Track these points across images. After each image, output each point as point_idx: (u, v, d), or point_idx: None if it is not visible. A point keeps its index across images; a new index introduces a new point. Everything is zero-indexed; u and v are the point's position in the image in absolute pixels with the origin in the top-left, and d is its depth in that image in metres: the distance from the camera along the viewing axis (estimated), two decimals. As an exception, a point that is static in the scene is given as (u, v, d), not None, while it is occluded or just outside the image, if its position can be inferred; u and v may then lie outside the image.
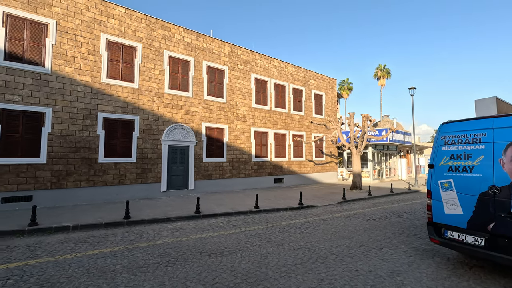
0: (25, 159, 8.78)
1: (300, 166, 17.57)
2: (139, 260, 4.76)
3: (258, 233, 6.55)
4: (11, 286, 3.79)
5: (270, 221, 7.75)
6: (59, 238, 6.03)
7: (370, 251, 5.27)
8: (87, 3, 10.20)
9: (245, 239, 6.04)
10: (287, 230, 6.84)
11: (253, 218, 8.21)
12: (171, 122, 12.05)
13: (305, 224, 7.48)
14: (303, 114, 18.11)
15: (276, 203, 10.21)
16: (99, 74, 10.31)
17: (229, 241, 5.88)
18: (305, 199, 10.94)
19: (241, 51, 14.99)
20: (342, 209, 9.83)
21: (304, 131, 18.06)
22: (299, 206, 9.74)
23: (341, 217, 8.34)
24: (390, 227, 7.11)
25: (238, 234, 6.41)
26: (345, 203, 11.01)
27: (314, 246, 5.54)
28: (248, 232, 6.63)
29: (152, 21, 11.78)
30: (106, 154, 10.30)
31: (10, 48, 8.69)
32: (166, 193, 11.68)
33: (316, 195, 12.54)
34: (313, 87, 18.96)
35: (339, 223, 7.55)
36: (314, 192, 13.60)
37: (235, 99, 14.49)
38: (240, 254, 5.08)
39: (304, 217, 8.33)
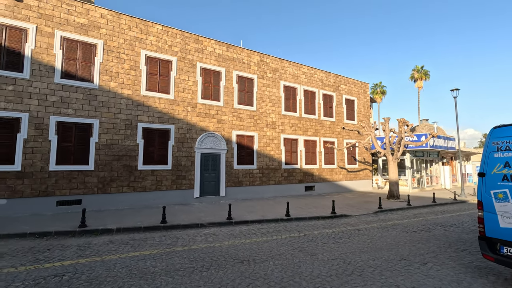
0: (76, 166, 9.71)
1: (332, 173, 17.07)
2: (176, 263, 4.97)
3: (290, 241, 6.46)
4: (66, 282, 4.18)
5: (302, 230, 7.61)
6: (105, 239, 6.52)
7: (412, 266, 4.92)
8: (129, 23, 11.15)
9: (277, 247, 6.00)
10: (320, 239, 6.65)
11: (284, 226, 8.13)
12: (204, 131, 12.52)
13: (339, 234, 7.22)
14: (334, 120, 17.67)
15: (307, 212, 10.01)
16: (139, 87, 11.13)
17: (261, 248, 5.88)
18: (338, 208, 10.58)
19: (270, 60, 15.18)
20: (378, 219, 9.32)
21: (335, 138, 17.57)
22: (332, 215, 9.43)
23: (377, 228, 7.91)
24: (434, 240, 6.57)
25: (270, 242, 6.38)
26: (382, 213, 10.42)
27: (350, 258, 5.32)
28: (280, 240, 6.58)
29: (186, 36, 12.49)
30: (145, 161, 10.99)
31: (65, 67, 9.79)
32: (199, 199, 12.07)
33: (349, 204, 12.05)
34: (344, 92, 18.48)
35: (376, 234, 7.16)
36: (347, 201, 13.09)
37: (264, 107, 14.65)
38: (273, 262, 5.05)
39: (337, 227, 8.05)
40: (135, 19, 11.28)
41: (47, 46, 9.52)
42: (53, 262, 4.99)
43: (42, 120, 9.25)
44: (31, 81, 9.17)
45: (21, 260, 5.05)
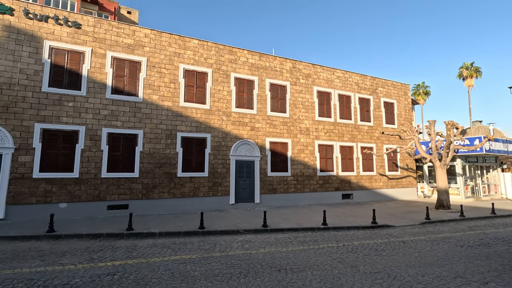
0: (124, 174, 10.57)
1: (371, 181, 16.17)
2: (214, 269, 5.10)
3: (328, 251, 6.24)
4: (116, 280, 4.53)
5: (340, 240, 7.31)
6: (149, 242, 6.95)
7: (470, 285, 4.42)
8: (169, 40, 12.01)
9: (314, 257, 5.83)
10: (361, 250, 6.32)
11: (321, 235, 7.88)
12: (238, 138, 12.81)
13: (381, 245, 6.78)
14: (372, 125, 16.83)
15: (345, 221, 9.58)
16: (178, 99, 11.84)
17: (298, 257, 5.77)
18: (379, 218, 9.96)
19: (303, 66, 15.10)
20: (426, 231, 8.56)
21: (374, 143, 16.69)
22: (373, 225, 8.91)
23: (426, 241, 7.27)
24: (496, 257, 5.83)
25: (307, 251, 6.23)
26: (430, 224, 9.56)
27: (395, 272, 4.96)
28: (317, 250, 6.39)
29: (220, 48, 13.04)
30: (184, 169, 11.55)
31: (115, 84, 10.83)
32: (234, 205, 12.28)
33: (391, 214, 11.27)
34: (382, 95, 17.56)
35: (424, 247, 6.58)
36: (389, 210, 12.26)
37: (297, 113, 14.54)
38: (311, 272, 4.92)
39: (379, 238, 7.57)
40: (174, 36, 12.11)
41: (100, 65, 10.65)
42: (105, 261, 5.45)
43: (95, 132, 10.30)
44: (87, 98, 10.31)
45: (79, 259, 5.61)
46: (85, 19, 10.64)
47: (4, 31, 9.40)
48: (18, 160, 9.18)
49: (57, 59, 10.04)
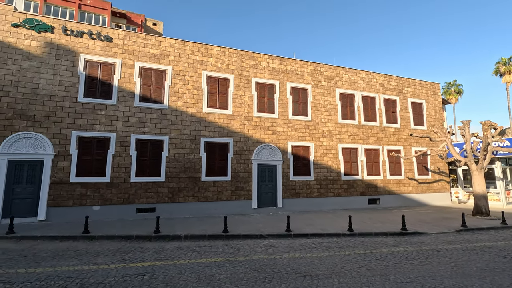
0: (151, 178, 11.02)
1: (399, 185, 15.44)
2: (239, 272, 5.13)
3: (355, 258, 6.03)
4: (146, 281, 4.71)
5: (367, 247, 7.04)
6: (175, 245, 7.15)
7: (515, 299, 4.05)
8: (192, 48, 12.43)
9: (341, 263, 5.66)
10: (390, 258, 6.04)
11: (347, 241, 7.64)
12: (260, 143, 12.86)
13: (413, 253, 6.43)
14: (399, 127, 16.13)
15: (372, 227, 9.22)
16: (201, 105, 12.17)
17: (324, 264, 5.64)
18: (409, 224, 9.46)
19: (324, 68, 14.90)
20: (462, 239, 8.00)
21: (402, 145, 15.96)
22: (403, 232, 8.48)
23: (462, 250, 6.79)
24: (545, 270, 5.30)
25: (332, 258, 6.07)
26: (467, 232, 8.92)
27: (429, 282, 4.68)
28: (343, 256, 6.20)
29: (241, 54, 13.25)
30: (207, 173, 11.80)
31: (142, 92, 11.38)
32: (257, 210, 12.29)
33: (422, 220, 10.67)
34: (409, 95, 16.80)
35: (461, 257, 6.15)
36: (420, 216, 11.61)
37: (319, 116, 14.32)
38: (338, 280, 4.79)
39: (410, 245, 7.19)
40: (197, 44, 12.52)
41: (129, 75, 11.26)
42: (136, 262, 5.69)
43: (125, 138, 10.86)
44: (117, 106, 10.93)
45: (112, 259, 5.90)
46: (116, 32, 11.34)
47: (46, 48, 10.29)
48: (57, 166, 9.91)
49: (91, 71, 10.77)
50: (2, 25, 9.91)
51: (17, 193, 9.44)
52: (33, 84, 9.98)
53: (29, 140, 9.69)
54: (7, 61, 9.78)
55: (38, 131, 9.83)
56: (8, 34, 9.92)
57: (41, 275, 4.91)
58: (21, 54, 9.97)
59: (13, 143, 9.50)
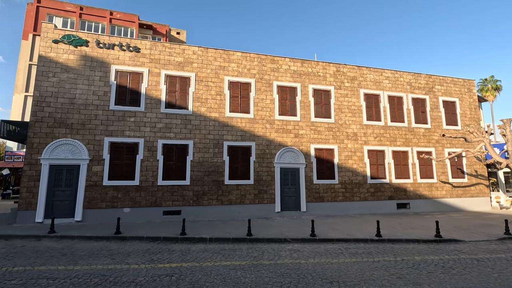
0: (176, 181, 11.37)
1: (431, 189, 14.56)
2: (264, 276, 5.11)
3: (385, 265, 5.76)
4: (174, 281, 4.85)
5: (398, 254, 6.70)
6: (201, 247, 7.30)
7: None
8: (214, 55, 12.74)
9: (369, 270, 5.44)
10: (424, 267, 5.69)
11: (376, 247, 7.33)
12: (282, 146, 12.81)
13: (449, 262, 6.02)
14: (429, 127, 15.26)
15: (403, 233, 8.77)
16: (224, 110, 12.40)
17: (351, 270, 5.45)
18: (444, 231, 8.87)
19: (347, 69, 14.55)
20: (506, 248, 7.34)
21: (433, 147, 15.07)
22: (437, 239, 7.97)
23: (507, 260, 6.23)
24: None
25: (360, 264, 5.85)
26: (511, 241, 8.17)
27: (469, 294, 4.34)
28: (372, 263, 5.95)
29: (262, 58, 13.35)
30: (230, 176, 11.95)
31: (168, 99, 11.85)
32: (280, 213, 12.20)
33: (459, 226, 9.95)
34: (440, 93, 15.87)
35: (505, 268, 5.64)
36: (456, 222, 10.84)
37: (343, 118, 13.97)
38: (366, 287, 4.60)
39: (445, 254, 6.73)
40: (219, 51, 12.82)
41: (155, 83, 11.79)
42: (164, 263, 5.89)
43: (152, 143, 11.34)
44: (145, 113, 11.46)
45: (142, 259, 6.16)
46: (143, 43, 11.95)
47: (81, 60, 11.09)
48: (91, 170, 10.58)
49: (121, 80, 11.43)
50: (44, 42, 10.86)
51: (57, 196, 10.20)
52: (71, 95, 10.79)
53: (67, 146, 10.46)
54: (48, 74, 10.68)
55: (75, 138, 10.58)
56: (49, 50, 10.84)
57: (79, 273, 5.24)
58: (60, 67, 10.84)
59: (54, 149, 10.31)
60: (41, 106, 10.46)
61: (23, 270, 5.38)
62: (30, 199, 9.89)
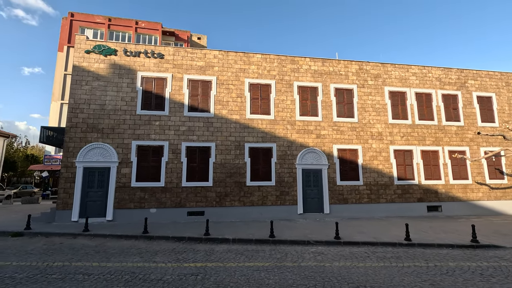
0: (200, 183, 11.64)
1: (466, 190, 13.62)
2: (288, 278, 5.07)
3: (416, 271, 5.48)
4: (199, 281, 4.95)
5: (430, 259, 6.34)
6: (224, 248, 7.40)
7: None
8: (235, 57, 12.92)
9: (399, 276, 5.20)
10: (459, 274, 5.34)
11: (405, 252, 6.99)
12: (304, 147, 12.65)
13: (488, 270, 5.59)
14: (462, 124, 14.32)
15: (434, 237, 8.28)
16: (245, 112, 12.51)
17: (379, 275, 5.24)
18: (481, 236, 8.26)
19: (370, 66, 14.08)
20: (555, 256, 6.67)
21: (467, 146, 14.11)
22: (473, 244, 7.44)
23: (556, 269, 5.66)
24: None
25: (388, 269, 5.62)
26: (561, 248, 7.41)
27: (512, 305, 4.00)
28: (401, 268, 5.69)
29: (282, 59, 13.31)
30: (252, 178, 12.01)
31: (191, 103, 12.19)
32: (303, 215, 12.04)
33: (498, 232, 9.21)
34: (474, 88, 14.84)
35: (555, 278, 5.13)
36: (495, 227, 10.05)
37: (367, 117, 13.52)
38: (396, 293, 4.40)
39: (483, 260, 6.26)
40: (239, 54, 12.98)
41: (179, 88, 12.18)
42: (189, 262, 6.04)
43: (176, 146, 11.71)
44: (169, 117, 11.87)
45: (168, 258, 6.37)
46: (167, 50, 12.41)
47: (110, 68, 11.75)
48: (121, 172, 11.14)
49: (146, 86, 11.94)
50: (78, 52, 11.64)
51: (90, 196, 10.85)
52: (101, 101, 11.45)
53: (99, 150, 11.10)
54: (81, 83, 11.43)
55: (106, 142, 11.20)
56: (82, 60, 11.61)
57: (111, 269, 5.53)
58: (92, 76, 11.56)
59: (87, 153, 10.99)
60: (75, 112, 11.21)
61: (62, 265, 5.78)
62: (67, 199, 10.61)
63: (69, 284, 4.73)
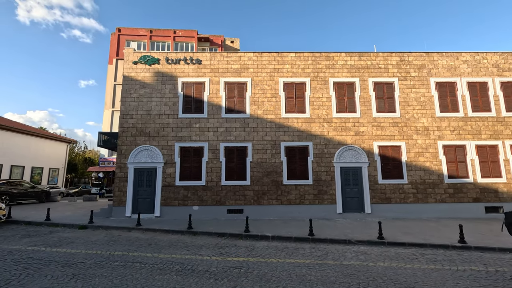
0: (238, 182, 12.03)
1: (533, 190, 12.00)
2: (330, 275, 5.06)
3: (473, 276, 5.06)
4: (243, 274, 5.20)
5: (489, 264, 5.79)
6: (264, 244, 7.59)
7: None
8: (268, 58, 13.08)
9: (452, 279, 4.86)
10: (526, 281, 4.80)
11: (459, 255, 6.47)
12: (341, 144, 12.32)
13: None
14: (527, 115, 12.64)
15: (495, 240, 7.50)
16: (280, 111, 12.60)
17: (430, 278, 4.96)
18: (554, 241, 7.26)
19: (413, 57, 13.16)
20: None
21: (534, 139, 12.42)
22: (544, 250, 6.58)
23: None
24: None
25: (440, 272, 5.27)
26: None
27: None
28: (455, 271, 5.30)
29: (316, 56, 13.12)
30: (289, 177, 12.05)
31: (227, 105, 12.65)
32: (342, 215, 11.73)
33: None
34: (541, 73, 13.00)
35: None
36: None
37: (410, 111, 12.67)
38: (450, 297, 4.14)
39: (558, 268, 5.52)
40: (273, 54, 13.11)
41: (216, 91, 12.73)
42: (232, 257, 6.34)
43: (215, 146, 12.26)
44: (208, 119, 12.48)
45: (212, 252, 6.75)
46: (204, 55, 13.05)
47: (155, 76, 12.75)
48: (166, 172, 12.02)
49: (186, 91, 12.71)
50: (127, 64, 12.84)
51: (140, 194, 11.89)
52: (147, 107, 12.48)
53: (147, 152, 12.11)
54: (130, 91, 12.58)
55: (152, 144, 12.18)
56: (131, 70, 12.78)
57: (163, 260, 6.06)
58: (139, 84, 12.66)
59: (137, 155, 12.06)
60: (126, 118, 12.38)
61: (121, 254, 6.49)
62: (121, 197, 11.77)
63: (130, 271, 5.31)
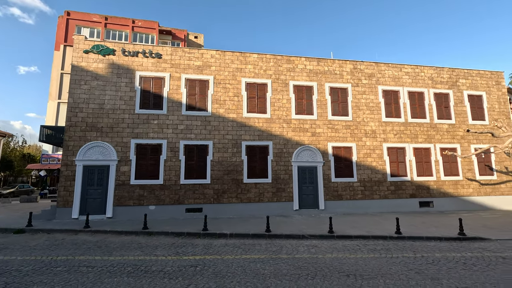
0: (198, 180, 11.88)
1: (456, 186, 14.03)
2: (282, 269, 5.36)
3: (404, 261, 5.81)
4: (198, 271, 5.23)
5: (418, 251, 6.68)
6: (222, 242, 7.67)
7: None
8: (231, 57, 13.14)
9: (387, 265, 5.52)
10: (444, 263, 5.67)
11: (395, 244, 7.33)
12: (299, 145, 12.95)
13: (471, 259, 5.94)
14: (453, 122, 14.71)
15: (424, 231, 8.64)
16: (241, 110, 12.76)
17: (369, 265, 5.56)
18: (468, 229, 8.64)
19: (364, 65, 14.39)
20: (536, 247, 7.04)
21: (458, 143, 14.51)
22: (460, 237, 7.80)
23: (534, 258, 6.02)
24: None
25: (378, 260, 5.94)
26: (542, 240, 7.80)
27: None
28: (390, 259, 6.01)
29: (278, 59, 13.56)
30: (249, 175, 12.29)
31: (188, 102, 12.40)
32: (298, 211, 12.35)
33: (486, 225, 9.60)
34: (465, 87, 15.23)
35: (532, 266, 5.48)
36: (483, 221, 10.45)
37: (361, 116, 13.84)
38: (383, 280, 4.72)
39: (468, 251, 6.62)
40: (236, 53, 13.20)
41: (176, 87, 12.38)
42: (188, 255, 6.31)
43: (175, 144, 11.93)
44: (167, 115, 12.08)
45: (168, 252, 6.62)
46: (164, 49, 12.59)
47: (109, 68, 11.92)
48: (120, 170, 11.34)
49: (145, 85, 12.13)
50: (76, 52, 11.79)
51: (90, 194, 11.05)
52: (100, 100, 11.63)
53: (98, 148, 11.29)
54: (80, 82, 11.59)
55: (105, 140, 11.39)
56: (81, 59, 11.76)
57: (113, 262, 5.78)
58: (90, 75, 11.72)
59: (86, 151, 11.17)
60: (74, 112, 11.37)
61: (66, 259, 6.02)
62: (67, 197, 10.80)
63: (74, 276, 4.98)
